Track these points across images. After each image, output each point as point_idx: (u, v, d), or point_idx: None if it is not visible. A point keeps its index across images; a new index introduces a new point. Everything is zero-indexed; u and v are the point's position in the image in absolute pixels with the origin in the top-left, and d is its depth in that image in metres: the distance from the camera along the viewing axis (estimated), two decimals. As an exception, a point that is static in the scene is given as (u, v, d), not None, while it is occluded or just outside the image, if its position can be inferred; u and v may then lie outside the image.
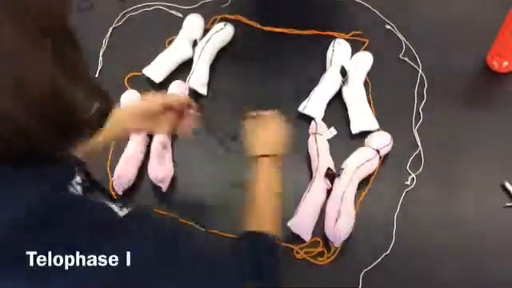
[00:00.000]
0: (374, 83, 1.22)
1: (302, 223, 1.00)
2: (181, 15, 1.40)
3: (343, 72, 1.19)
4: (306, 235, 0.99)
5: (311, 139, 1.10)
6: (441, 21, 1.37)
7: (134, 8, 1.43)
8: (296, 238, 0.99)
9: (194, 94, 1.22)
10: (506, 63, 1.23)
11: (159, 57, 1.27)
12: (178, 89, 1.18)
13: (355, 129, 1.13)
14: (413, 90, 1.22)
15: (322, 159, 1.06)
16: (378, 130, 1.12)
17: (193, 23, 1.31)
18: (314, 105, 1.16)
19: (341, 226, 0.97)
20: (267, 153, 0.84)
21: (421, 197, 1.05)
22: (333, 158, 1.08)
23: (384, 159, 1.09)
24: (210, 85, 1.24)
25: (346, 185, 1.02)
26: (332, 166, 1.06)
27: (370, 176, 1.07)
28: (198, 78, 1.21)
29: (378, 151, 1.06)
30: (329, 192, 1.04)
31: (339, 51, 1.23)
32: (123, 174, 1.04)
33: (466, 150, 1.11)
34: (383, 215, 1.03)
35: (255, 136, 0.88)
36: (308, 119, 1.15)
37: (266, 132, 0.88)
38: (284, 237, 1.00)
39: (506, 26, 1.16)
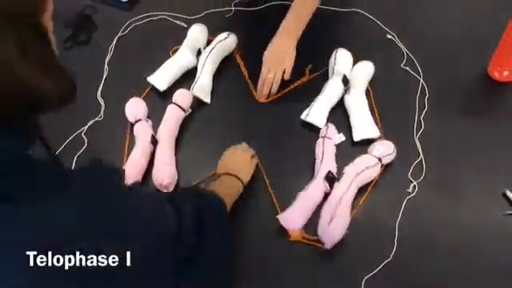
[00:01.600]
0: (376, 92, 1.23)
1: (292, 218, 1.01)
2: (185, 25, 1.42)
3: (345, 81, 1.20)
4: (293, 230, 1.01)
5: (319, 142, 1.12)
6: (442, 30, 1.39)
7: (139, 17, 1.45)
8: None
9: (197, 101, 1.23)
10: (506, 73, 1.24)
11: (164, 65, 1.28)
12: (182, 97, 1.19)
13: (357, 136, 1.14)
14: (414, 99, 1.23)
15: (326, 162, 1.07)
16: (380, 137, 1.13)
17: (197, 32, 1.33)
18: (317, 113, 1.17)
19: (334, 227, 0.98)
20: (228, 172, 1.02)
21: (422, 204, 1.05)
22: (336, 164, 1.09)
23: (386, 167, 1.10)
24: (213, 93, 1.26)
25: (345, 190, 1.03)
26: (334, 171, 1.07)
27: (371, 183, 1.08)
28: (202, 87, 1.23)
29: (379, 159, 1.07)
30: (327, 196, 1.04)
31: (341, 60, 1.25)
32: (130, 178, 1.05)
33: (467, 159, 1.12)
34: (385, 222, 1.03)
35: (224, 160, 1.06)
36: (310, 127, 1.17)
37: (232, 158, 1.06)
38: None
39: (507, 36, 1.18)
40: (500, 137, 1.16)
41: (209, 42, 1.33)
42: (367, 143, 1.13)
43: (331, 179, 1.05)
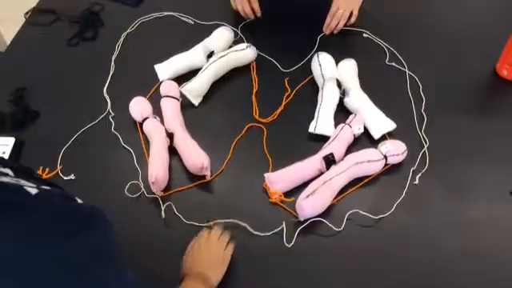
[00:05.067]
0: (376, 92, 1.21)
1: (276, 179, 1.05)
2: (192, 22, 1.42)
3: (339, 84, 1.20)
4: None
5: (339, 126, 1.12)
6: (453, 27, 1.39)
7: (146, 15, 1.45)
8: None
9: (186, 100, 1.22)
10: (515, 71, 1.24)
11: (174, 57, 1.29)
12: (169, 88, 1.20)
13: (376, 134, 1.13)
14: (419, 94, 1.23)
15: (334, 145, 1.08)
16: (395, 128, 1.14)
17: (218, 35, 1.32)
18: (324, 123, 1.15)
19: (310, 202, 0.99)
20: (194, 273, 0.87)
21: (427, 202, 1.05)
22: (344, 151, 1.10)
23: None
24: (213, 99, 1.25)
25: (338, 174, 1.03)
26: (339, 156, 1.07)
27: (369, 177, 1.07)
28: (193, 88, 1.22)
29: (385, 157, 1.07)
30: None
31: (326, 64, 1.24)
32: (159, 176, 1.05)
33: (474, 157, 1.11)
34: (387, 218, 1.02)
35: (192, 252, 0.92)
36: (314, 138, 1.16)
37: (199, 254, 0.91)
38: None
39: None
40: (508, 135, 1.15)
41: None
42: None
43: (330, 161, 1.05)
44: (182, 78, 1.26)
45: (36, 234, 0.51)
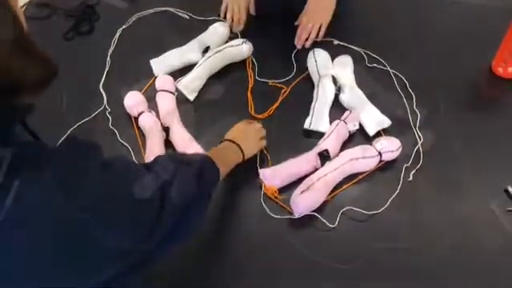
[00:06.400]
0: (368, 90, 1.21)
1: (271, 175, 1.04)
2: (188, 17, 1.42)
3: (335, 81, 1.20)
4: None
5: (335, 122, 1.12)
6: (447, 25, 1.38)
7: (143, 10, 1.45)
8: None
9: (181, 95, 1.22)
10: (510, 69, 1.23)
11: (169, 52, 1.29)
12: (164, 82, 1.21)
13: (371, 131, 1.13)
14: (416, 92, 1.23)
15: (329, 141, 1.08)
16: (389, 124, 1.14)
17: (214, 30, 1.32)
18: (319, 119, 1.15)
19: (304, 198, 0.99)
20: (231, 139, 1.02)
21: (421, 199, 1.05)
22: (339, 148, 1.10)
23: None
24: (208, 95, 1.25)
25: (332, 169, 1.03)
26: (334, 152, 1.07)
27: (363, 174, 1.08)
28: (188, 84, 1.22)
29: (379, 154, 1.07)
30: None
31: (322, 61, 1.24)
32: None
33: (469, 153, 1.12)
34: (382, 214, 1.02)
35: (233, 129, 1.07)
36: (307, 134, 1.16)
37: (241, 129, 1.07)
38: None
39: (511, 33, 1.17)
40: (503, 133, 1.16)
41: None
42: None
43: (325, 157, 1.06)
44: (178, 73, 1.26)
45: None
